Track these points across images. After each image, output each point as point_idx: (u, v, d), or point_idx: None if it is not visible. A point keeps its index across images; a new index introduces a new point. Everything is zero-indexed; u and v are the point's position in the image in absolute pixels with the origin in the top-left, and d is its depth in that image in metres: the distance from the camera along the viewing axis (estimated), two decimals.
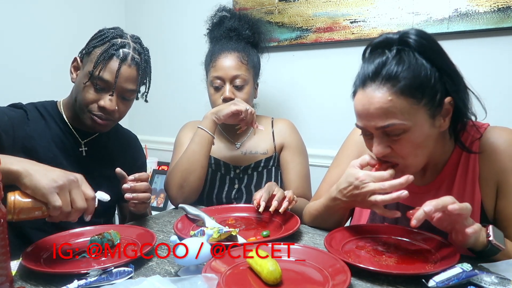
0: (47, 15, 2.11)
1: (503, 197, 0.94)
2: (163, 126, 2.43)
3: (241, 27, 1.52)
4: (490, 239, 0.82)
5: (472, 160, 0.97)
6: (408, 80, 0.85)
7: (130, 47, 1.17)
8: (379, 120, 0.87)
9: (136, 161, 1.39)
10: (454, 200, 0.79)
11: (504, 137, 0.95)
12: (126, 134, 1.42)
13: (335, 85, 1.79)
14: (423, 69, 0.86)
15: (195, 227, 1.09)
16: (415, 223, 0.79)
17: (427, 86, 0.86)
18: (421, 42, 0.88)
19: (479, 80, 1.00)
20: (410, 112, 0.86)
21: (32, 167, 0.82)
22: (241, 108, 1.32)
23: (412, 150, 0.90)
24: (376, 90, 0.87)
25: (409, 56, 0.87)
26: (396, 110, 0.85)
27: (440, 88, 0.88)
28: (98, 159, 1.26)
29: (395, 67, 0.86)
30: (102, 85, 1.13)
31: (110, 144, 1.31)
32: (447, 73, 0.89)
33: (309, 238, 1.07)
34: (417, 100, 0.86)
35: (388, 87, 0.86)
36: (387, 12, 1.62)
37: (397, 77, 0.85)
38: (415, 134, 0.87)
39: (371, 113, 0.88)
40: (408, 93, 0.85)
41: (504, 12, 1.41)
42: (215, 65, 1.44)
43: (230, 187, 1.46)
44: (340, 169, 1.18)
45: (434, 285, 0.73)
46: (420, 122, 0.87)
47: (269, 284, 0.76)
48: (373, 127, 0.90)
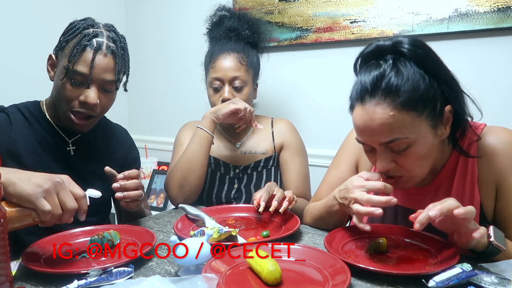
0: (46, 15, 2.10)
1: (503, 198, 0.94)
2: (163, 126, 2.43)
3: (241, 27, 1.51)
4: (491, 239, 0.81)
5: (471, 162, 0.96)
6: (408, 94, 0.83)
7: (103, 35, 1.12)
8: (382, 136, 0.86)
9: (127, 156, 1.35)
10: (459, 204, 0.78)
11: (502, 138, 0.94)
12: (115, 129, 1.38)
13: (335, 85, 1.79)
14: (422, 80, 0.85)
15: (195, 227, 1.09)
16: (418, 227, 0.78)
17: (427, 97, 0.85)
18: (416, 52, 0.86)
19: (479, 80, 1.00)
20: (413, 125, 0.85)
21: (15, 175, 0.80)
22: (240, 106, 1.32)
23: (417, 162, 0.89)
24: (376, 106, 0.85)
25: (406, 67, 0.85)
26: (399, 124, 0.84)
27: (439, 98, 0.87)
28: (88, 157, 1.23)
29: (394, 79, 0.84)
30: (79, 79, 1.08)
31: (98, 140, 1.28)
32: (444, 81, 0.88)
33: (309, 238, 1.07)
34: (419, 112, 0.85)
35: (388, 102, 0.84)
36: (387, 12, 1.62)
37: (397, 90, 0.83)
38: (419, 146, 0.86)
39: (373, 129, 0.86)
40: (410, 106, 0.83)
41: (504, 12, 1.41)
42: (214, 66, 1.44)
43: (229, 186, 1.46)
44: (339, 170, 1.18)
45: (434, 285, 0.73)
46: (423, 134, 0.86)
47: (269, 284, 0.76)
48: (376, 143, 0.88)
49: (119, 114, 2.53)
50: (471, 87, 0.94)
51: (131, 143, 1.41)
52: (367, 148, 0.94)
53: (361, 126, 0.89)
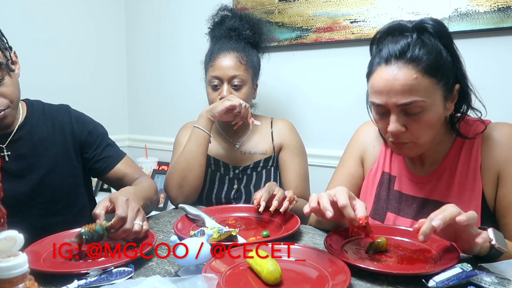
0: (46, 15, 2.11)
1: (504, 186, 0.96)
2: (163, 126, 2.43)
3: (242, 27, 1.51)
4: (493, 243, 0.81)
5: (475, 151, 1.00)
6: (431, 61, 0.90)
7: None
8: (401, 96, 0.90)
9: (81, 134, 1.26)
10: (460, 210, 0.79)
11: (506, 130, 0.99)
12: (54, 110, 1.26)
13: (335, 85, 1.79)
14: (443, 52, 0.92)
15: (195, 227, 1.09)
16: (422, 239, 0.78)
17: (445, 69, 0.92)
18: (439, 28, 0.94)
19: (479, 80, 1.00)
20: (432, 91, 0.91)
21: None
22: (235, 103, 1.32)
23: (426, 130, 0.94)
24: (401, 68, 0.90)
25: (430, 41, 0.92)
26: (420, 87, 0.89)
27: (452, 74, 0.94)
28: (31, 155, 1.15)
29: (420, 49, 0.90)
30: None
31: (39, 130, 1.20)
32: (458, 60, 0.95)
33: (309, 238, 1.07)
34: (437, 80, 0.91)
35: (413, 66, 0.90)
36: (387, 12, 1.62)
37: (422, 57, 0.90)
38: (431, 113, 0.92)
39: (395, 89, 0.90)
40: (431, 72, 0.90)
41: (504, 12, 1.41)
42: (213, 65, 1.44)
43: (229, 187, 1.46)
44: (344, 167, 1.21)
45: (434, 285, 0.73)
46: (436, 102, 0.92)
47: (269, 284, 0.76)
48: (393, 104, 0.92)
49: (119, 114, 2.55)
50: (471, 85, 0.98)
51: (79, 118, 1.29)
52: (381, 110, 0.96)
53: (382, 87, 0.92)
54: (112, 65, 2.49)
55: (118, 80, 2.54)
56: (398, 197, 1.09)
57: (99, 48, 2.40)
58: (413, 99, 0.89)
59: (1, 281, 0.54)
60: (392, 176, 1.11)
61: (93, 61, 2.36)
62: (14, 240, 0.56)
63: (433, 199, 1.02)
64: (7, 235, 0.55)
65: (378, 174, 1.14)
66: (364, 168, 1.19)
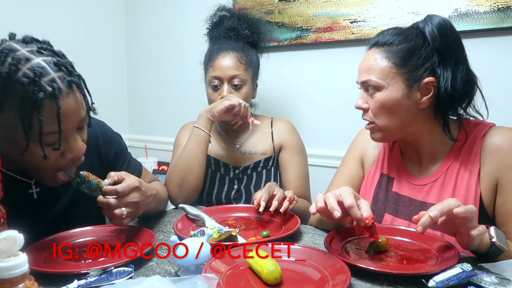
0: (46, 14, 2.10)
1: (503, 193, 0.95)
2: (162, 126, 2.43)
3: (241, 26, 1.51)
4: (494, 240, 0.82)
5: (474, 154, 0.99)
6: (395, 47, 0.98)
7: (47, 70, 0.83)
8: (362, 75, 1.02)
9: (108, 156, 1.17)
10: (459, 203, 0.79)
11: (507, 136, 0.97)
12: None
13: (335, 85, 1.79)
14: (416, 46, 0.97)
15: (195, 227, 1.09)
16: (421, 230, 0.79)
17: (410, 58, 0.97)
18: (438, 29, 0.97)
19: (479, 80, 1.00)
20: (388, 75, 0.98)
21: None
22: (234, 102, 1.32)
23: (383, 111, 1.00)
24: (372, 52, 1.02)
25: (409, 29, 1.01)
26: (376, 68, 0.99)
27: (427, 67, 0.97)
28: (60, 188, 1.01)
29: (391, 36, 1.00)
30: (50, 140, 0.85)
31: None
32: (444, 57, 0.97)
33: (309, 238, 1.07)
34: (397, 66, 0.97)
35: (379, 50, 1.00)
36: (387, 12, 1.62)
37: (386, 42, 1.00)
38: (385, 95, 0.99)
39: (360, 68, 1.04)
40: (391, 57, 0.98)
41: (504, 12, 1.41)
42: (213, 65, 1.44)
43: (229, 187, 1.46)
44: (345, 168, 1.22)
45: (434, 285, 0.73)
46: (394, 87, 0.98)
47: (269, 284, 0.76)
48: (359, 81, 1.05)
49: (119, 114, 2.55)
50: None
51: (105, 135, 1.18)
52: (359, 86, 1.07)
53: (359, 67, 1.06)
54: (112, 65, 2.49)
55: (118, 80, 2.53)
56: (395, 198, 1.09)
57: (99, 48, 2.39)
58: (367, 78, 1.00)
59: (1, 281, 0.54)
60: (390, 178, 1.11)
61: (93, 61, 2.35)
62: (14, 240, 0.56)
63: (430, 202, 1.02)
64: (7, 235, 0.55)
65: (377, 176, 1.14)
66: (364, 170, 1.19)
